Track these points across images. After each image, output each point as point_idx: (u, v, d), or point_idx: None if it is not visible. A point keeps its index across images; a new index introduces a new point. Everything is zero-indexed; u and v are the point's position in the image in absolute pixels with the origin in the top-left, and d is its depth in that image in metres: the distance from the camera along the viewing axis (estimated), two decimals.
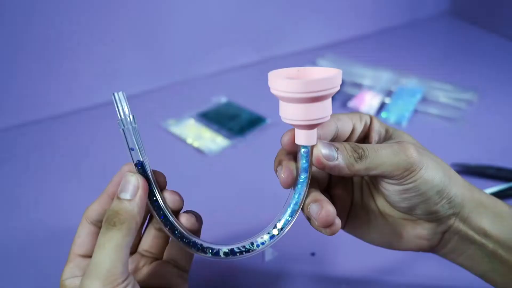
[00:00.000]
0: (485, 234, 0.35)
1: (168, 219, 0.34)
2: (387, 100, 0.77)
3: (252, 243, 0.34)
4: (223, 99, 0.79)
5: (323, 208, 0.32)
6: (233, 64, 0.88)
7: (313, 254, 0.50)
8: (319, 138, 0.33)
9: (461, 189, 0.34)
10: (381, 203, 0.37)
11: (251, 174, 0.63)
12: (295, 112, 0.31)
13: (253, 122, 0.73)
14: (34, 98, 0.74)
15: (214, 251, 0.34)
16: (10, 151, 0.69)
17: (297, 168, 0.33)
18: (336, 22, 0.99)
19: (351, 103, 0.76)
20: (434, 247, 0.36)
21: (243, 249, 0.34)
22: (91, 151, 0.69)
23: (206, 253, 0.34)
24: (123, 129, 0.32)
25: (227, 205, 0.56)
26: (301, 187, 0.33)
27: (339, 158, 0.32)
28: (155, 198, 0.34)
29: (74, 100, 0.77)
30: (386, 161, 0.32)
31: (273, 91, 0.31)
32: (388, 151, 0.32)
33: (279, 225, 0.33)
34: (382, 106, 0.76)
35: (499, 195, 0.56)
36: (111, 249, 0.30)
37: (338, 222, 0.33)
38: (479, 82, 0.82)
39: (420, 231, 0.35)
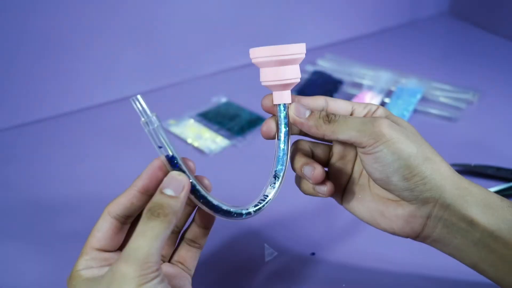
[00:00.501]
0: (471, 223, 0.35)
1: (205, 198, 0.36)
2: (387, 100, 0.77)
3: (265, 196, 0.39)
4: (223, 99, 0.79)
5: (315, 169, 0.38)
6: (233, 64, 0.88)
7: (313, 254, 0.50)
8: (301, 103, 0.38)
9: (441, 174, 0.35)
10: (373, 183, 0.39)
11: (251, 174, 0.63)
12: (271, 74, 0.37)
13: (253, 122, 0.73)
14: (34, 98, 0.74)
15: (247, 212, 0.38)
16: (10, 151, 0.69)
17: (278, 124, 0.39)
18: (336, 22, 0.99)
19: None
20: (418, 234, 0.37)
21: (262, 202, 0.39)
22: (91, 151, 0.69)
23: (242, 216, 0.38)
24: (148, 129, 0.34)
25: None
26: (284, 137, 0.39)
27: (309, 117, 0.37)
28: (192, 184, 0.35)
29: (74, 100, 0.77)
30: (354, 127, 0.36)
31: (253, 60, 0.38)
32: (358, 120, 0.36)
33: (278, 175, 0.39)
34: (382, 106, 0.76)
35: (499, 195, 0.56)
36: (152, 237, 0.31)
37: (330, 184, 0.39)
38: (479, 82, 0.82)
39: (400, 211, 0.37)
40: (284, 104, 0.38)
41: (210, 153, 0.67)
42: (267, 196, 0.39)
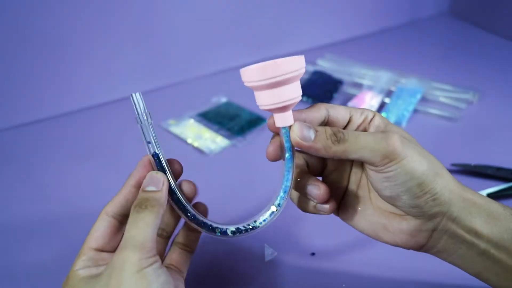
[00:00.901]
0: (476, 234, 0.35)
1: (181, 202, 0.37)
2: (387, 100, 0.77)
3: (255, 221, 0.37)
4: (223, 99, 0.79)
5: (320, 188, 0.36)
6: (233, 64, 0.88)
7: (313, 254, 0.50)
8: (304, 121, 0.35)
9: (449, 188, 0.34)
10: (374, 195, 0.38)
11: (251, 174, 0.63)
12: (265, 98, 0.34)
13: (253, 122, 0.73)
14: (34, 98, 0.74)
15: (223, 230, 0.37)
16: (10, 151, 0.69)
17: (283, 145, 0.36)
18: (336, 22, 0.99)
19: (351, 103, 0.76)
20: (423, 246, 0.37)
21: (248, 227, 0.37)
22: (91, 151, 0.69)
23: (215, 232, 0.37)
24: (140, 125, 0.36)
25: (227, 205, 0.56)
26: (288, 164, 0.36)
27: (316, 139, 0.34)
28: (170, 184, 0.37)
29: (74, 100, 0.77)
30: (366, 147, 0.33)
31: (245, 84, 0.34)
32: (370, 138, 0.34)
33: (276, 202, 0.37)
34: (382, 106, 0.76)
35: (498, 195, 0.56)
36: (143, 227, 0.32)
37: (333, 201, 0.38)
38: (479, 82, 0.82)
39: (405, 226, 0.36)
40: (286, 127, 0.35)
41: (210, 153, 0.67)
42: (256, 222, 0.37)
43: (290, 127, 0.35)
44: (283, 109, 0.34)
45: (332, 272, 0.48)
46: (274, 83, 0.33)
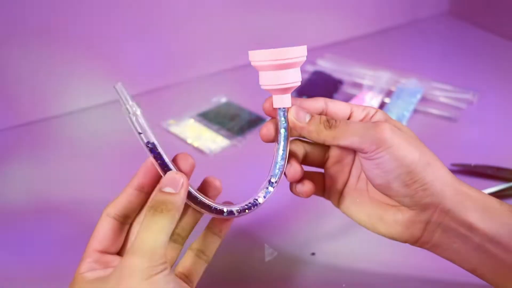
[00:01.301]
0: (470, 228, 0.35)
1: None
2: (387, 100, 0.77)
3: (255, 199, 0.39)
4: (223, 99, 0.79)
5: (292, 166, 0.38)
6: (233, 64, 0.88)
7: (313, 254, 0.50)
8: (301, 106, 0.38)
9: (442, 180, 0.35)
10: (372, 187, 0.39)
11: (251, 174, 0.63)
12: (270, 78, 0.37)
13: (253, 122, 0.73)
14: (35, 98, 0.74)
15: (229, 210, 0.38)
16: (10, 151, 0.69)
17: (277, 127, 0.38)
18: (336, 22, 0.99)
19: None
20: (418, 239, 0.37)
21: (250, 205, 0.38)
22: (91, 151, 0.69)
23: (223, 213, 0.38)
24: (129, 116, 0.35)
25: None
26: (283, 142, 0.38)
27: (310, 122, 0.36)
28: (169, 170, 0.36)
29: (74, 100, 0.77)
30: (356, 133, 0.35)
31: (252, 63, 0.37)
32: (359, 126, 0.36)
33: (273, 180, 0.39)
34: (382, 106, 0.76)
35: (498, 195, 0.56)
36: (156, 231, 0.32)
37: (308, 183, 0.39)
38: (479, 82, 0.82)
39: (400, 217, 0.37)
40: (284, 108, 0.38)
41: (210, 153, 0.67)
42: (257, 200, 0.39)
43: (287, 109, 0.37)
44: (283, 90, 0.37)
45: (332, 272, 0.48)
46: (279, 65, 0.36)
